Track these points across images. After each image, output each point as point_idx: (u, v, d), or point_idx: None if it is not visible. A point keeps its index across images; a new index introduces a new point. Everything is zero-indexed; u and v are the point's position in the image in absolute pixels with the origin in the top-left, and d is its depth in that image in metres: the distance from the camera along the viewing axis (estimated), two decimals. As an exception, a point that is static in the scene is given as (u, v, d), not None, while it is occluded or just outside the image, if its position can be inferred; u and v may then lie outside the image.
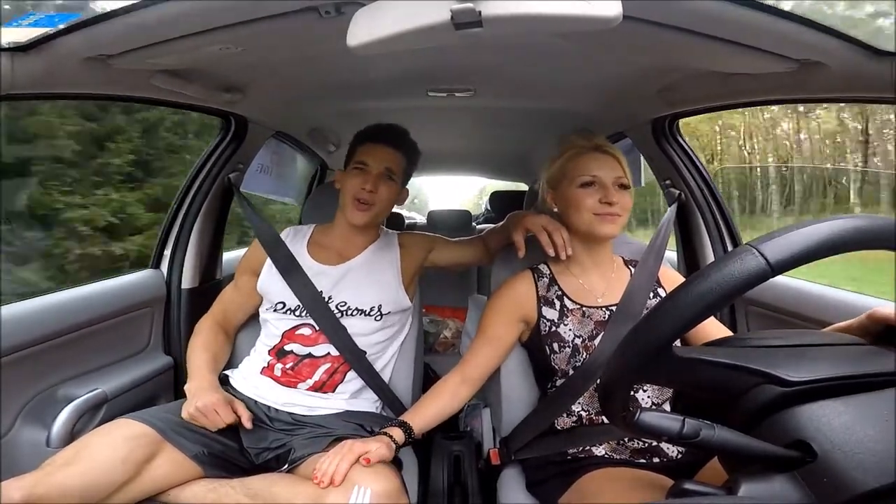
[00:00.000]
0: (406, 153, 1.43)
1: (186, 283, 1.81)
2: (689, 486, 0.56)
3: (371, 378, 1.37)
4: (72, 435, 1.32)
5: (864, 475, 0.49)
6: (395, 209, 1.65)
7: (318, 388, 1.33)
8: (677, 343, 0.59)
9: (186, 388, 1.25)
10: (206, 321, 1.46)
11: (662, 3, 0.82)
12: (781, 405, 0.58)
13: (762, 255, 0.53)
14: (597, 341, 1.16)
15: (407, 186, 1.50)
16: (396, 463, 1.17)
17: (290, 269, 1.37)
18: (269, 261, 1.40)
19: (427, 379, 1.78)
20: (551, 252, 1.21)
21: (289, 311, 1.36)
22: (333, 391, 1.34)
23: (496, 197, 4.20)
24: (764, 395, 0.59)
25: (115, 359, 1.59)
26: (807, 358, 0.63)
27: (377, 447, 1.06)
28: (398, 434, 1.13)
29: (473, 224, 3.77)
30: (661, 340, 0.57)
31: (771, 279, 0.53)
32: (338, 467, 1.00)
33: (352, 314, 1.36)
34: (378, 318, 1.38)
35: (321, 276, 1.38)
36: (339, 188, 1.42)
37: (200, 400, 1.18)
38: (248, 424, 1.22)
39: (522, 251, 1.25)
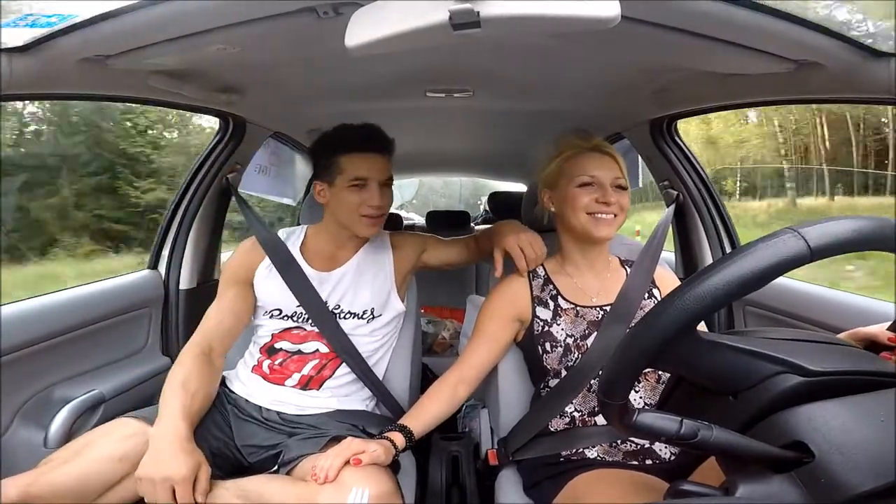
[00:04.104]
0: (391, 155, 1.39)
1: (184, 283, 1.81)
2: (687, 486, 0.56)
3: (363, 373, 1.35)
4: (69, 435, 1.32)
5: (862, 476, 0.49)
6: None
7: (305, 383, 1.31)
8: None
9: (153, 431, 1.05)
10: (189, 352, 1.25)
11: (660, 3, 0.82)
12: (798, 396, 0.57)
13: (803, 238, 0.53)
14: (589, 341, 1.16)
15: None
16: (394, 465, 1.16)
17: (289, 271, 1.34)
18: (263, 264, 1.36)
19: (425, 380, 1.78)
20: (523, 266, 1.25)
21: (285, 318, 1.34)
22: (319, 388, 1.32)
23: (495, 197, 4.21)
24: (783, 384, 0.58)
25: (113, 359, 1.59)
26: (824, 353, 0.63)
27: (374, 449, 1.06)
28: (399, 439, 1.13)
29: (472, 224, 3.78)
30: (691, 316, 0.55)
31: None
32: (332, 463, 1.01)
33: (344, 317, 1.36)
34: (370, 320, 1.38)
35: (315, 282, 1.36)
36: (323, 202, 1.36)
37: (161, 470, 0.99)
38: (200, 498, 1.02)
39: (499, 272, 1.28)
